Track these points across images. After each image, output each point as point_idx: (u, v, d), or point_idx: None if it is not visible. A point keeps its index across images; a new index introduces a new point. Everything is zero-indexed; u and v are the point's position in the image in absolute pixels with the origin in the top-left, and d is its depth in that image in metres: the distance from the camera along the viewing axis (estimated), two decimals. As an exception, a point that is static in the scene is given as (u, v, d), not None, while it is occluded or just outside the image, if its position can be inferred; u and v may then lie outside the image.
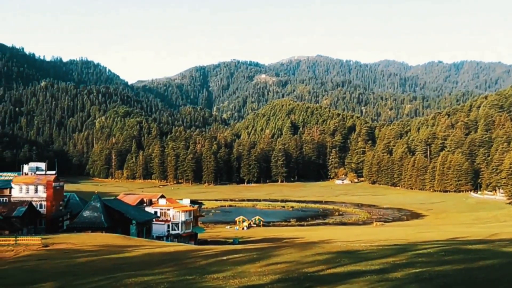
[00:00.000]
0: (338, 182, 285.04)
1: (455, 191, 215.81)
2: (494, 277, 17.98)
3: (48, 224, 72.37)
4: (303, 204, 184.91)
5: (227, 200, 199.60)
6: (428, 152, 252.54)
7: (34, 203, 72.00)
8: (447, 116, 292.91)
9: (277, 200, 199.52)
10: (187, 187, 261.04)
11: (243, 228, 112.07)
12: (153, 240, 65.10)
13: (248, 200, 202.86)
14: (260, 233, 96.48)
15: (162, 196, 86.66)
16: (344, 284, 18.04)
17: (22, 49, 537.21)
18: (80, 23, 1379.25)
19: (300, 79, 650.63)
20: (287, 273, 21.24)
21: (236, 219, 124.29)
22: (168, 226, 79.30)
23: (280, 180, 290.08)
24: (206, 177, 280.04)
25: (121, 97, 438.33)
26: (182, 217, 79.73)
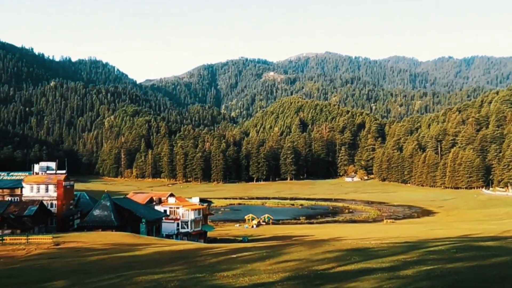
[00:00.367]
0: (347, 179, 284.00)
1: (466, 187, 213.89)
2: (507, 274, 17.74)
3: (59, 223, 73.02)
4: (313, 202, 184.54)
5: (236, 198, 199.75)
6: (439, 148, 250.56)
7: (45, 202, 72.75)
8: (458, 112, 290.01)
9: (286, 198, 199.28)
10: (196, 186, 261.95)
11: (252, 226, 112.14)
12: (162, 238, 65.38)
13: (257, 198, 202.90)
14: (269, 231, 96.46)
15: (172, 195, 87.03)
16: (355, 282, 17.91)
17: (32, 49, 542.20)
18: (89, 23, 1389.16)
19: (308, 76, 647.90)
20: (297, 271, 21.15)
21: (246, 217, 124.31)
22: (178, 224, 79.58)
23: (289, 178, 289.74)
24: (215, 176, 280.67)
25: (129, 96, 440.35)
26: (191, 215, 79.96)
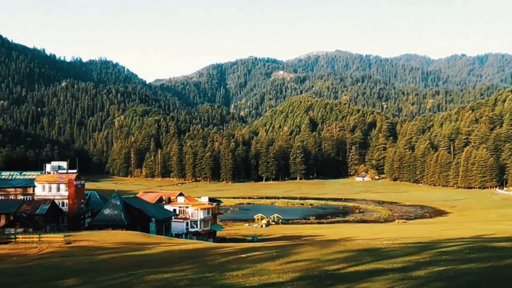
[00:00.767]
0: (358, 179, 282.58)
1: (479, 187, 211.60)
2: (523, 276, 17.36)
3: (70, 222, 73.67)
4: (323, 202, 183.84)
5: (245, 198, 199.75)
6: (452, 148, 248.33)
7: (56, 201, 73.44)
8: (471, 111, 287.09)
9: (295, 198, 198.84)
10: (205, 185, 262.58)
11: (261, 226, 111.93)
12: (172, 237, 65.53)
13: (267, 197, 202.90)
14: (279, 231, 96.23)
15: (181, 194, 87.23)
16: (366, 282, 17.68)
17: (43, 50, 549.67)
18: (100, 24, 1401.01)
19: (318, 75, 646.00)
20: (307, 271, 20.96)
21: (255, 216, 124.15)
22: (187, 223, 79.73)
23: (298, 178, 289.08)
24: (224, 175, 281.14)
25: (139, 96, 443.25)
26: (200, 214, 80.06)
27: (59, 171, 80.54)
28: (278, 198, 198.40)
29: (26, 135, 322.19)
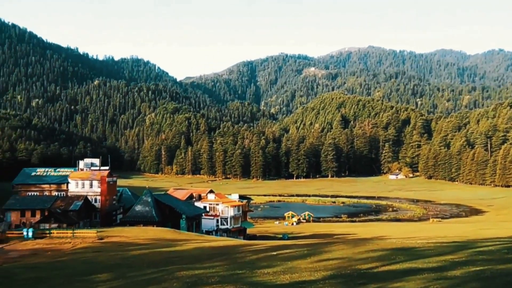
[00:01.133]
0: (391, 177, 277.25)
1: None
2: None
3: (103, 218, 75.31)
4: (355, 200, 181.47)
5: (276, 195, 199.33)
6: (489, 145, 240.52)
7: (89, 197, 75.24)
8: (509, 107, 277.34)
9: (327, 196, 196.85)
10: (235, 182, 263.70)
11: (292, 224, 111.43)
12: (202, 234, 65.98)
13: (297, 195, 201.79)
14: (310, 229, 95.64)
15: (211, 191, 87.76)
16: (400, 282, 17.19)
17: (77, 49, 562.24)
18: (132, 23, 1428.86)
19: (350, 71, 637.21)
20: (339, 270, 20.56)
21: (285, 214, 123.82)
22: (217, 220, 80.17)
23: (330, 175, 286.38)
24: (254, 172, 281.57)
25: (170, 93, 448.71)
26: (231, 212, 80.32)
27: (92, 168, 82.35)
28: (309, 195, 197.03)
29: (60, 133, 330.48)
